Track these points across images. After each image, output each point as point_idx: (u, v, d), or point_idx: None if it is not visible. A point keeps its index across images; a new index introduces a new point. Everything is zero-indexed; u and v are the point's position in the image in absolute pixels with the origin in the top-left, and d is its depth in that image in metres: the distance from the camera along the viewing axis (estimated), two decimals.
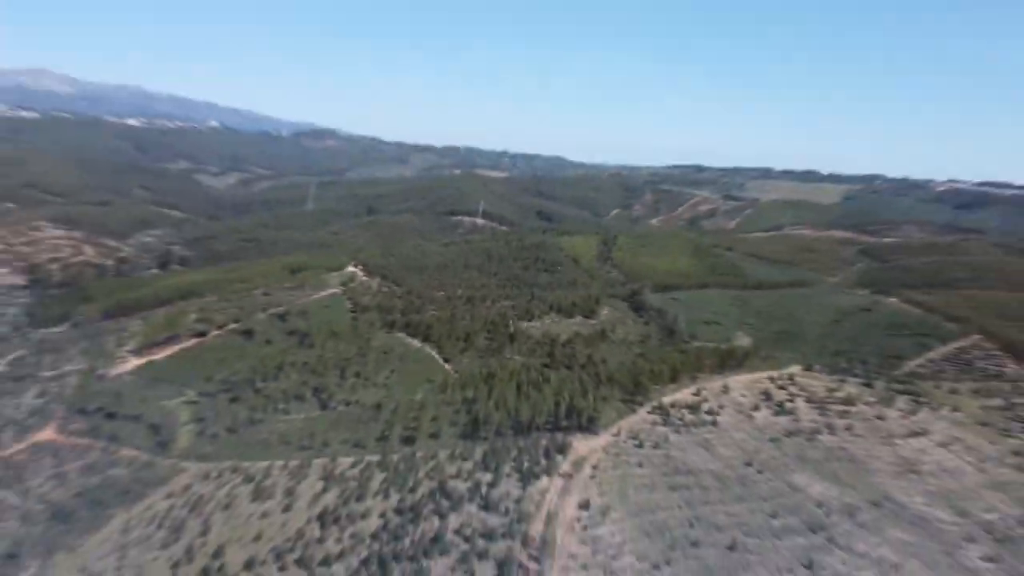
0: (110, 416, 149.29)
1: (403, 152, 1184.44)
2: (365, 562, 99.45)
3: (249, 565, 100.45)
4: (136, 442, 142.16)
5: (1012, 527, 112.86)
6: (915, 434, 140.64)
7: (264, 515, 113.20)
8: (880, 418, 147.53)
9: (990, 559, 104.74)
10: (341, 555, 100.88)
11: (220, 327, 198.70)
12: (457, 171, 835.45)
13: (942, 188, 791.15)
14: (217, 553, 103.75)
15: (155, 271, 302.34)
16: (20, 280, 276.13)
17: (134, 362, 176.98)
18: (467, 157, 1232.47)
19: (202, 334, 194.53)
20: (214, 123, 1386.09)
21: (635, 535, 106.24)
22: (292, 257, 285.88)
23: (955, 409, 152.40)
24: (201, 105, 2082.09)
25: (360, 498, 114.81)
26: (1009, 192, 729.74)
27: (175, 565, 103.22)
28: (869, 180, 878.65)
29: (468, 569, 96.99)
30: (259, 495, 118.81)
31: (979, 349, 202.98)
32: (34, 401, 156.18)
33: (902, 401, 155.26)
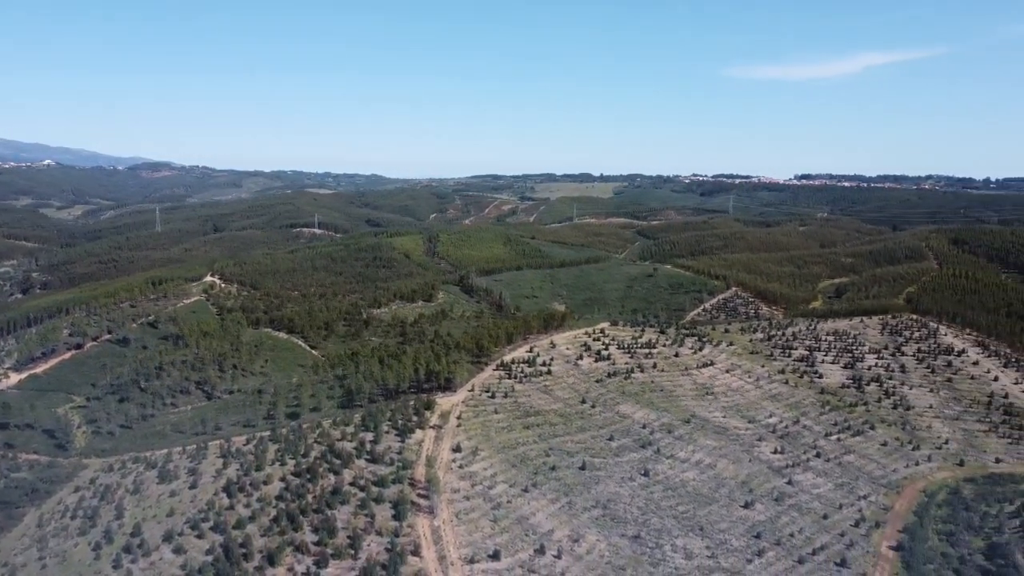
0: (2, 427, 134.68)
1: (236, 177, 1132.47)
2: (275, 519, 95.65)
3: (168, 537, 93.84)
4: (34, 447, 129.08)
5: (789, 426, 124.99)
6: (705, 365, 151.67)
7: (173, 494, 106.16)
8: (676, 356, 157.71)
9: (777, 451, 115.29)
10: (252, 517, 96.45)
11: (95, 338, 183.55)
12: (289, 191, 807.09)
13: (688, 180, 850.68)
14: (135, 532, 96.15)
15: (18, 296, 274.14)
16: None
17: (16, 377, 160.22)
18: (295, 179, 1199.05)
19: (79, 346, 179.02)
20: (48, 161, 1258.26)
21: (503, 467, 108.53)
22: (151, 272, 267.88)
23: (730, 344, 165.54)
24: (31, 146, 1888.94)
25: (259, 468, 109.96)
26: (738, 180, 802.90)
27: (96, 547, 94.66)
28: (632, 178, 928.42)
29: (369, 512, 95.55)
30: (165, 477, 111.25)
31: (739, 298, 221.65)
32: None
33: (690, 342, 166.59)
